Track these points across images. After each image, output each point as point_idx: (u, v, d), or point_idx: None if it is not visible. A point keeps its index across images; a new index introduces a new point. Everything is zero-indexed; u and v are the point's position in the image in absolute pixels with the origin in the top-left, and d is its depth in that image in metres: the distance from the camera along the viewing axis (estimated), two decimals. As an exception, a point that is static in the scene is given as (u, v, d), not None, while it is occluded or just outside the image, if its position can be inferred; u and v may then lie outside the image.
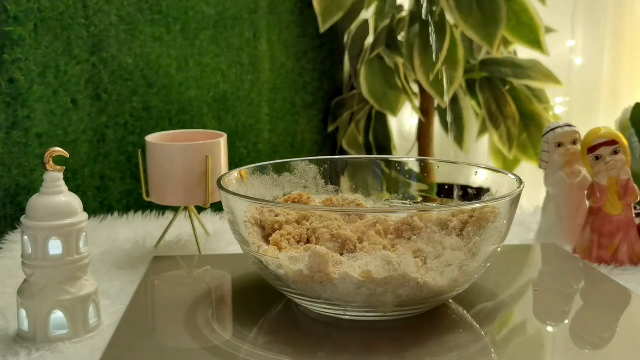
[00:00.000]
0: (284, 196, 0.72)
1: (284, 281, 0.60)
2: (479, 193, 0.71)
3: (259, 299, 0.66)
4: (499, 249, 0.62)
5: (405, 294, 0.57)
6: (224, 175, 0.68)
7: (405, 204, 0.74)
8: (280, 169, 0.72)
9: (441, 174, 0.69)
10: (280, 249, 0.62)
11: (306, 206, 0.69)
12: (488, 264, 0.62)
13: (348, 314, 0.60)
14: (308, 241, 0.63)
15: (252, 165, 0.71)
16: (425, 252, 0.57)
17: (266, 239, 0.64)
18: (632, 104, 1.00)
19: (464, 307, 0.64)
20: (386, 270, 0.55)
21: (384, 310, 0.59)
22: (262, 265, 0.61)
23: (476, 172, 0.71)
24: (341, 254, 0.59)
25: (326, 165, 0.74)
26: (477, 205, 0.60)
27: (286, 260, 0.58)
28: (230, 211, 0.63)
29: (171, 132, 0.89)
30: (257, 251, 0.61)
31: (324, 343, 0.57)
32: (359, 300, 0.57)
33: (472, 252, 0.58)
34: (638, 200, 0.79)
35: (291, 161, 0.73)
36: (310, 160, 0.74)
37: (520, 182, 0.64)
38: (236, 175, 0.69)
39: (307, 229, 0.64)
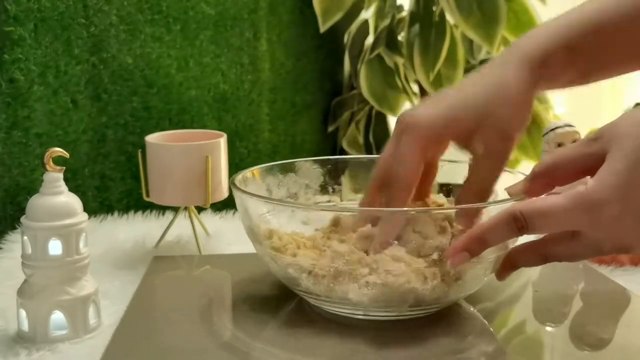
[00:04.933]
0: (288, 197, 0.72)
1: (298, 284, 0.60)
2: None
3: (259, 299, 0.66)
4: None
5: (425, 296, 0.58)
6: (236, 174, 0.68)
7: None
8: (285, 169, 0.72)
9: (441, 174, 0.69)
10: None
11: (327, 207, 0.69)
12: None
13: (357, 314, 0.60)
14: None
15: (263, 165, 0.71)
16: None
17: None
18: (632, 104, 1.00)
19: (465, 306, 0.64)
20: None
21: (400, 310, 0.59)
22: (278, 265, 0.61)
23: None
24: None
25: (329, 166, 0.74)
26: (482, 206, 0.59)
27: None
28: (245, 210, 0.63)
29: (171, 132, 0.89)
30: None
31: (325, 344, 0.57)
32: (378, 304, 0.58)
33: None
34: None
35: (296, 161, 0.73)
36: (314, 161, 0.74)
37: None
38: (248, 175, 0.69)
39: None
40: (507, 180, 0.67)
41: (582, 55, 0.61)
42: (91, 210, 1.01)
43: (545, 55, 0.60)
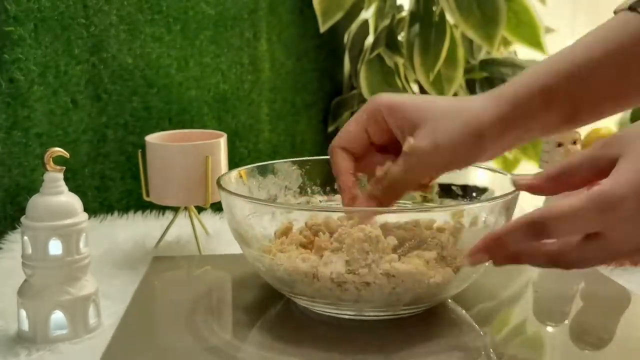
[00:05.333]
0: (268, 199, 0.72)
1: (289, 285, 0.60)
2: (478, 193, 0.71)
3: (259, 299, 0.66)
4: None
5: (414, 295, 0.57)
6: (223, 175, 0.68)
7: (406, 204, 0.74)
8: (263, 171, 0.72)
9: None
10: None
11: (316, 207, 0.69)
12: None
13: (348, 313, 0.60)
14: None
15: (250, 166, 0.71)
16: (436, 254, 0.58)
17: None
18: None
19: (463, 307, 0.64)
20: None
21: (395, 309, 0.59)
22: (266, 267, 0.61)
23: (475, 172, 0.71)
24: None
25: (308, 167, 0.74)
26: (476, 205, 0.60)
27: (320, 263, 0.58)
28: (230, 211, 0.63)
29: (171, 132, 0.89)
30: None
31: (324, 342, 0.57)
32: (377, 301, 0.58)
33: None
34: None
35: (274, 163, 0.73)
36: (293, 162, 0.74)
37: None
38: (235, 175, 0.69)
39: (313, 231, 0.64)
40: (502, 181, 0.67)
41: (560, 99, 0.59)
42: (91, 210, 1.01)
43: (516, 94, 0.59)
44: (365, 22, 1.38)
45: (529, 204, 1.05)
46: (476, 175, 0.71)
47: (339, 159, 0.63)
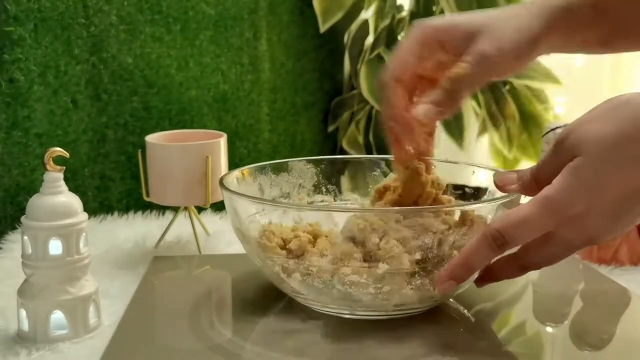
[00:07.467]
0: (280, 196, 0.72)
1: (284, 282, 0.60)
2: (478, 193, 0.71)
3: (259, 299, 0.66)
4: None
5: (411, 294, 0.57)
6: (225, 175, 0.67)
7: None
8: (278, 169, 0.72)
9: (441, 174, 0.69)
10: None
11: (316, 206, 0.69)
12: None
13: (349, 313, 0.60)
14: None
15: (253, 165, 0.71)
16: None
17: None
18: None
19: (463, 307, 0.64)
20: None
21: (387, 309, 0.59)
22: (269, 268, 0.61)
23: (473, 172, 0.71)
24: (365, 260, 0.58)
25: (323, 165, 0.74)
26: (477, 206, 0.60)
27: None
28: (234, 212, 0.63)
29: (171, 132, 0.89)
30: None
31: (324, 341, 0.57)
32: (368, 299, 0.58)
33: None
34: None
35: (289, 161, 0.73)
36: (308, 160, 0.74)
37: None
38: (237, 175, 0.69)
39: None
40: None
41: (607, 15, 0.59)
42: (91, 210, 1.01)
43: (568, 5, 0.59)
44: (365, 22, 1.38)
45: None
46: (476, 175, 0.71)
47: (395, 95, 0.62)
